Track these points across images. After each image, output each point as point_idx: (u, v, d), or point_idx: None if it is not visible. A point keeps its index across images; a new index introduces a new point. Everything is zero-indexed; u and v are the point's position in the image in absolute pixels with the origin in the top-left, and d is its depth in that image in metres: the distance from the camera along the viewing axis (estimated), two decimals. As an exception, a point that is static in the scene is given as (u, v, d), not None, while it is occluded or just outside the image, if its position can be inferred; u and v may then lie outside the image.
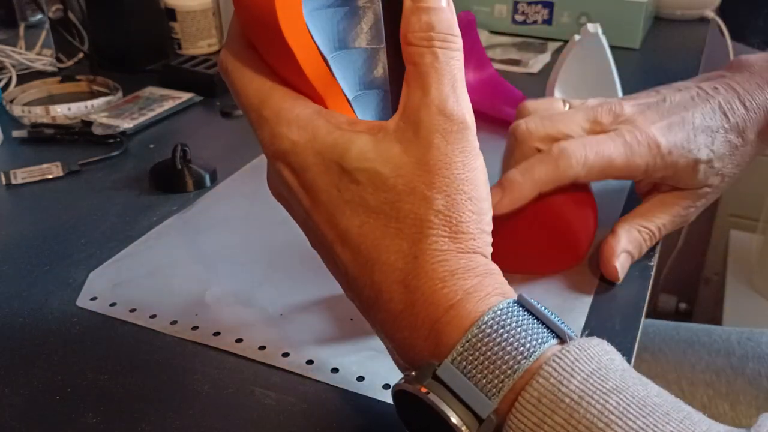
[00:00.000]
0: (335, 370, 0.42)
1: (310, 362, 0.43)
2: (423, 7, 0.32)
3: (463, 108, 0.32)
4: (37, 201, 0.61)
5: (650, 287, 0.51)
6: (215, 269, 0.52)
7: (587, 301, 0.48)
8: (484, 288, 0.31)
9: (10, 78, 0.84)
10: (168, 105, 0.77)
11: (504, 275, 0.33)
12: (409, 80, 0.32)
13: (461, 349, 0.29)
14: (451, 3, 0.33)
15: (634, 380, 0.28)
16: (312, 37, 0.32)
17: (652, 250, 0.54)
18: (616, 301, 0.49)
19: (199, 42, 0.95)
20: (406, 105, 0.32)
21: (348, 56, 0.34)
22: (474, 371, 0.29)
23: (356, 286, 0.33)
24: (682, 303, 1.53)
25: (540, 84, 0.79)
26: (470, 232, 0.32)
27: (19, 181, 0.63)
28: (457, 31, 0.33)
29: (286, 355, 0.44)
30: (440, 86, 0.32)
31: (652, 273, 0.52)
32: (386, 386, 0.41)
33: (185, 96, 0.80)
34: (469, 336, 0.29)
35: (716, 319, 1.23)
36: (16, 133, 0.71)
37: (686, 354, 0.69)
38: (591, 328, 0.46)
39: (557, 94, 0.73)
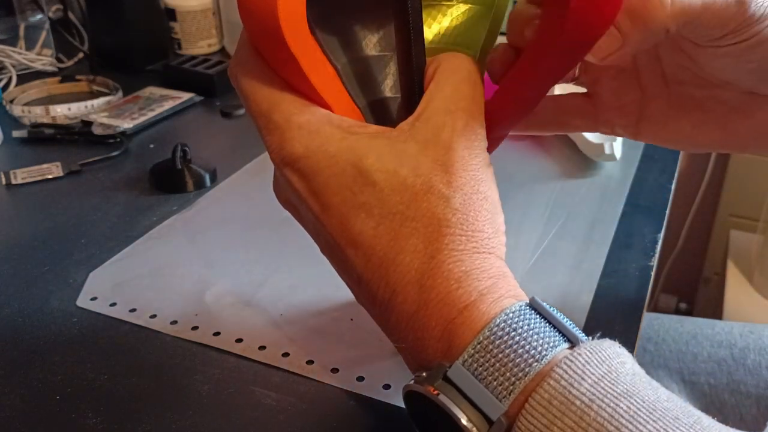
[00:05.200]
0: (335, 370, 0.42)
1: (310, 362, 0.43)
2: None
3: (483, 122, 0.33)
4: (37, 201, 0.61)
5: (650, 287, 0.51)
6: (215, 269, 0.52)
7: (587, 301, 0.49)
8: (497, 290, 0.31)
9: (10, 78, 0.84)
10: (168, 105, 0.77)
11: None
12: (440, 85, 0.33)
13: (472, 351, 0.29)
14: None
15: (644, 384, 0.28)
16: (320, 44, 0.32)
17: (651, 249, 0.54)
18: (616, 301, 0.49)
19: (199, 42, 0.95)
20: (429, 107, 0.32)
21: (358, 64, 0.34)
22: (485, 373, 0.29)
23: (369, 290, 0.33)
24: (682, 303, 1.53)
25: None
26: (485, 231, 0.32)
27: (19, 181, 0.63)
28: None
29: (286, 355, 0.44)
30: (476, 102, 0.33)
31: (652, 273, 0.52)
32: (386, 386, 0.41)
33: (185, 96, 0.80)
34: (481, 338, 0.29)
35: (716, 319, 1.23)
36: (16, 133, 0.71)
37: (689, 345, 0.69)
38: (591, 328, 0.46)
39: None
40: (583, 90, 0.42)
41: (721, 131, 0.40)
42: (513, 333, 0.29)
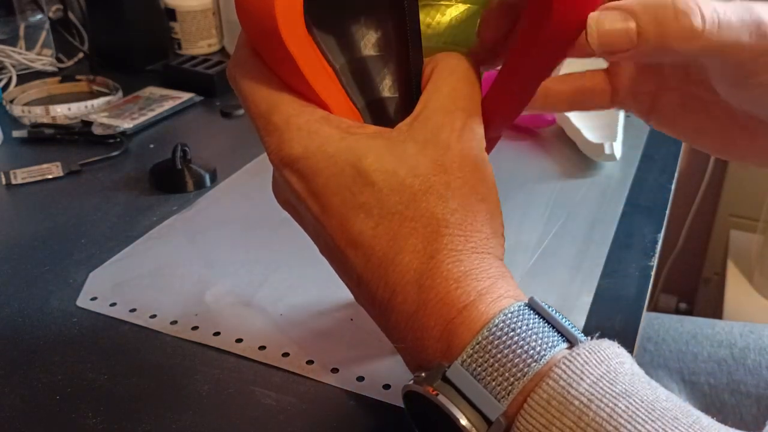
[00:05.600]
0: (335, 370, 0.42)
1: (310, 362, 0.43)
2: None
3: (482, 125, 0.33)
4: (37, 201, 0.61)
5: (650, 287, 0.51)
6: (215, 269, 0.52)
7: (587, 301, 0.49)
8: (496, 290, 0.31)
9: (10, 78, 0.84)
10: (168, 105, 0.77)
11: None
12: (438, 85, 0.33)
13: (471, 351, 0.29)
14: None
15: (643, 384, 0.28)
16: (318, 45, 0.32)
17: (651, 249, 0.54)
18: (616, 300, 0.49)
19: (199, 42, 0.95)
20: (427, 107, 0.32)
21: (356, 64, 0.34)
22: (484, 373, 0.29)
23: (368, 290, 0.33)
24: (682, 303, 1.53)
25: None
26: (484, 231, 0.32)
27: (19, 181, 0.63)
28: None
29: (286, 355, 0.44)
30: (474, 101, 0.33)
31: (652, 273, 0.52)
32: (386, 386, 0.41)
33: (185, 96, 0.80)
34: (480, 338, 0.29)
35: (716, 319, 1.23)
36: (16, 133, 0.71)
37: (689, 345, 0.69)
38: (591, 328, 0.46)
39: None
40: (602, 67, 0.41)
41: (722, 139, 0.39)
42: (512, 333, 0.29)
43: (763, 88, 0.33)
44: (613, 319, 0.47)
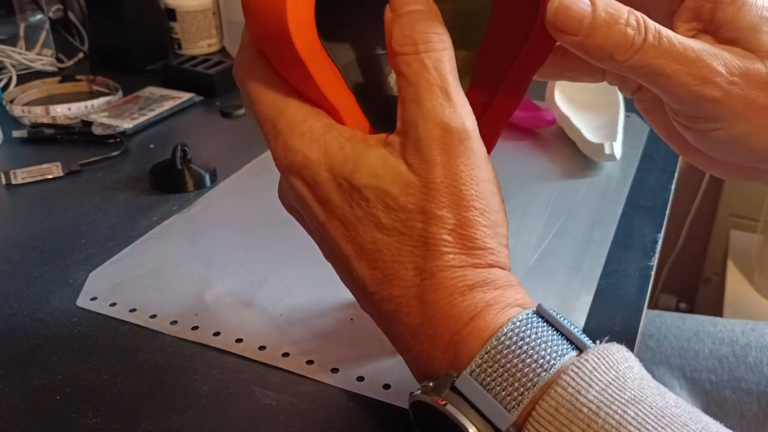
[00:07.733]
0: (335, 370, 0.42)
1: (310, 362, 0.43)
2: (402, 14, 0.31)
3: (461, 114, 0.31)
4: (37, 201, 0.61)
5: (650, 287, 0.51)
6: (215, 269, 0.52)
7: (587, 301, 0.49)
8: (504, 299, 0.31)
9: (10, 78, 0.84)
10: (168, 105, 0.77)
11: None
12: (402, 93, 0.31)
13: (480, 361, 0.29)
14: (431, 3, 0.32)
15: (652, 390, 0.28)
16: (324, 44, 0.32)
17: (651, 249, 0.54)
18: (616, 300, 0.49)
19: (199, 42, 0.95)
20: (403, 120, 0.31)
21: (361, 63, 0.34)
22: (493, 383, 0.29)
23: (374, 300, 0.32)
24: (682, 303, 1.53)
25: (540, 84, 0.79)
26: (487, 247, 0.31)
27: (19, 181, 0.63)
28: (442, 29, 0.31)
29: (286, 355, 0.44)
30: (432, 96, 0.31)
31: (652, 273, 0.52)
32: (386, 386, 0.41)
33: (185, 96, 0.79)
34: (488, 348, 0.29)
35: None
36: (16, 133, 0.71)
37: (690, 342, 0.69)
38: (591, 328, 0.46)
39: (557, 93, 0.73)
40: None
41: (684, 143, 0.38)
42: (521, 342, 0.29)
43: (702, 134, 0.33)
44: (613, 319, 0.47)
